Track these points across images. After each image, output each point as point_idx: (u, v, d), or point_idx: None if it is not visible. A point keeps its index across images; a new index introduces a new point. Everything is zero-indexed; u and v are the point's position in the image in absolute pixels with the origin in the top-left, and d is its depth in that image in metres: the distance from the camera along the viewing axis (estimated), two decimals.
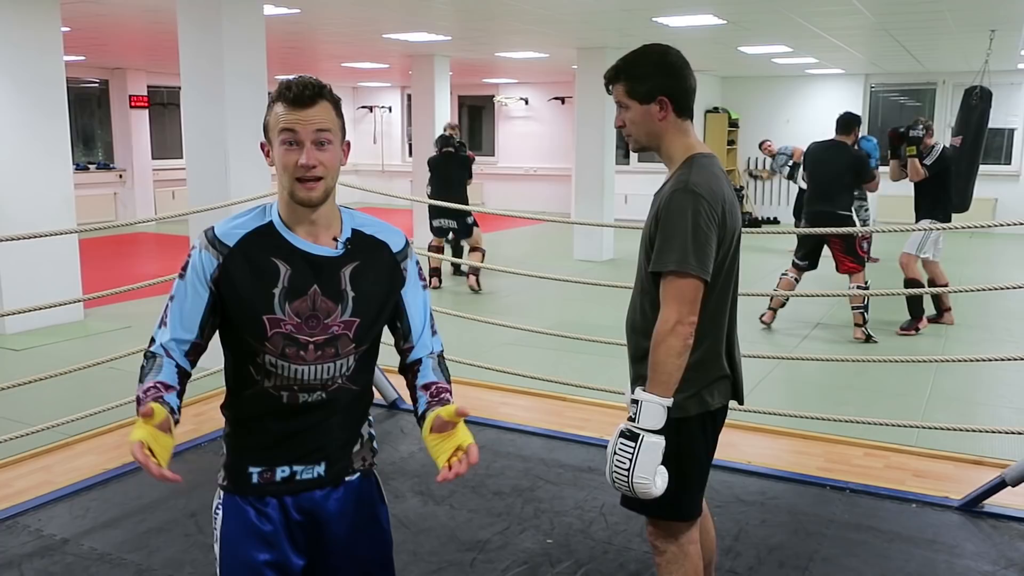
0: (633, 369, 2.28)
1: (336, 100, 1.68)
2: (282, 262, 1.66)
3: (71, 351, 6.17)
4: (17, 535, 3.32)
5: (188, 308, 1.68)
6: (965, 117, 7.69)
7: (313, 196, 1.64)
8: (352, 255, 1.71)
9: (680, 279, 2.06)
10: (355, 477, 1.81)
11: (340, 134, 1.68)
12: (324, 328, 1.67)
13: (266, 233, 1.69)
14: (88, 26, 8.75)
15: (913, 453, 4.13)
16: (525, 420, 4.61)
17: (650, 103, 2.16)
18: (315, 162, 1.62)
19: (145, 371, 1.67)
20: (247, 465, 1.74)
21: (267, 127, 1.68)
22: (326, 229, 1.71)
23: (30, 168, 6.70)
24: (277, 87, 1.66)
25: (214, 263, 1.66)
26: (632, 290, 2.32)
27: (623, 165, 14.35)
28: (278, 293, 1.65)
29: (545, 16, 8.08)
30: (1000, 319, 7.50)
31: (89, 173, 13.86)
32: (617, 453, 2.12)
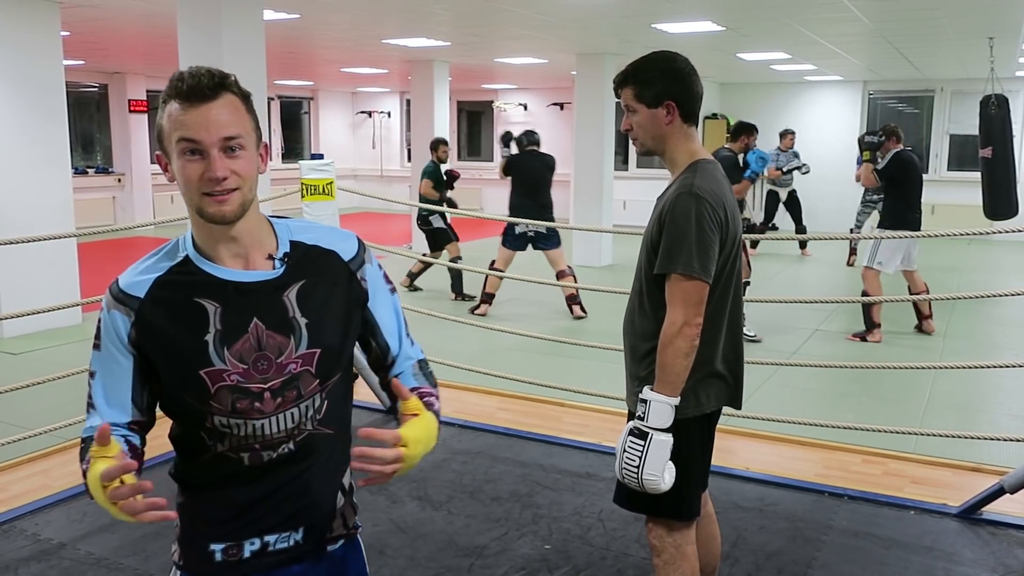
0: (631, 368, 2.32)
1: (245, 94, 1.38)
2: (208, 300, 1.37)
3: (69, 355, 6.16)
4: (14, 539, 3.32)
5: (113, 383, 1.40)
6: (988, 126, 7.72)
7: (226, 210, 1.34)
8: (294, 273, 1.41)
9: (685, 281, 2.10)
10: (339, 547, 1.53)
11: (254, 135, 1.38)
12: (278, 368, 1.38)
13: (182, 271, 1.40)
14: (87, 30, 8.76)
15: (911, 460, 4.12)
16: (523, 425, 4.60)
17: (657, 107, 2.20)
18: (225, 172, 1.32)
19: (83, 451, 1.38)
20: (208, 542, 1.44)
21: (161, 134, 1.36)
22: (256, 248, 1.41)
23: (29, 172, 6.71)
24: (168, 82, 1.35)
25: (127, 321, 1.37)
26: (630, 292, 2.35)
27: (622, 171, 14.38)
28: (211, 339, 1.36)
29: (544, 22, 8.09)
30: (998, 326, 7.50)
31: (88, 177, 13.86)
32: (627, 451, 2.16)
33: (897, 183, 6.77)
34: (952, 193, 13.22)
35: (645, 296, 2.25)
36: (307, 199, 4.56)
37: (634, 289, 2.32)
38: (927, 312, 6.97)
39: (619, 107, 2.32)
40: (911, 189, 6.74)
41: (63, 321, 6.91)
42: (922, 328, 7.00)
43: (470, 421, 4.61)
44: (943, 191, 13.39)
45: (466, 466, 4.07)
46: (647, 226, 2.26)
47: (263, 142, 1.43)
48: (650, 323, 2.22)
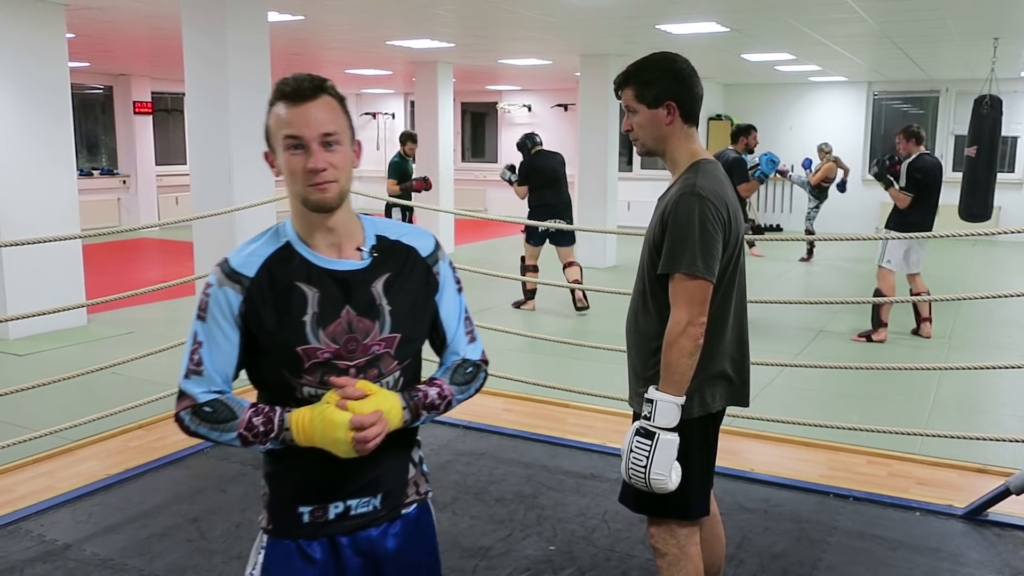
0: (635, 368, 2.32)
1: (340, 97, 1.55)
2: (308, 286, 1.53)
3: (74, 356, 6.17)
4: (19, 540, 3.32)
5: (218, 353, 1.54)
6: (977, 126, 7.71)
7: (328, 197, 1.50)
8: (381, 264, 1.58)
9: (689, 281, 2.11)
10: (412, 509, 1.69)
11: (349, 133, 1.54)
12: (364, 349, 1.55)
13: (286, 256, 1.55)
14: (93, 32, 8.78)
15: (917, 461, 4.11)
16: (528, 427, 4.60)
17: (658, 108, 2.21)
18: (324, 164, 1.48)
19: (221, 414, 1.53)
20: (296, 504, 1.59)
21: (268, 133, 1.54)
22: (348, 239, 1.57)
23: (34, 173, 6.72)
24: (274, 86, 1.53)
25: (238, 298, 1.52)
26: (633, 292, 2.36)
27: (626, 172, 14.38)
28: (309, 320, 1.52)
29: (548, 23, 8.09)
30: (1003, 327, 7.48)
31: (93, 179, 13.90)
32: (633, 451, 2.16)
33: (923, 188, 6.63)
34: (956, 194, 13.16)
35: (648, 296, 2.25)
36: None
37: (637, 289, 2.33)
38: (926, 315, 6.86)
39: (622, 108, 2.32)
40: (922, 195, 6.66)
41: (68, 322, 6.93)
42: (919, 331, 6.91)
43: (475, 422, 4.61)
44: (947, 192, 13.12)
45: (470, 467, 4.07)
46: (649, 226, 2.27)
47: (356, 140, 1.59)
48: (654, 323, 2.22)
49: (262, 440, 1.52)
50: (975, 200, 7.70)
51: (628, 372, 2.37)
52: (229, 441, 1.53)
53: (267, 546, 1.62)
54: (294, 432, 1.50)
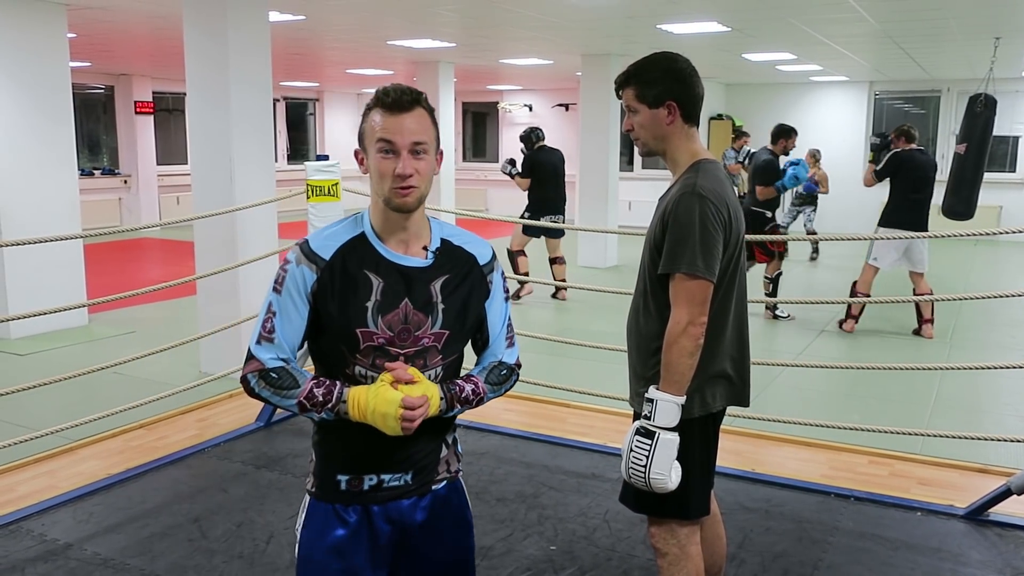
0: (636, 368, 2.32)
1: (432, 109, 1.69)
2: (375, 275, 1.68)
3: (75, 356, 6.18)
4: (21, 539, 3.32)
5: (291, 324, 1.69)
6: (970, 124, 7.68)
7: (409, 201, 1.65)
8: (441, 266, 1.73)
9: (690, 280, 2.11)
10: (442, 486, 1.83)
11: (435, 143, 1.69)
12: (415, 340, 1.69)
13: (359, 245, 1.70)
14: (94, 32, 8.78)
15: (918, 461, 4.11)
16: (529, 426, 4.60)
17: (658, 107, 2.22)
18: (411, 171, 1.63)
19: (284, 381, 1.68)
20: (335, 472, 1.75)
21: (363, 135, 1.69)
22: (417, 239, 1.72)
23: (36, 173, 6.73)
24: (375, 94, 1.67)
25: (313, 277, 1.67)
26: (634, 292, 2.36)
27: (627, 172, 14.38)
28: (371, 307, 1.66)
29: (549, 23, 8.09)
30: (1005, 327, 7.48)
31: (94, 179, 13.90)
32: (634, 450, 2.17)
33: (896, 181, 6.81)
34: None
35: (650, 296, 2.25)
36: (312, 200, 4.56)
37: (638, 289, 2.33)
38: (927, 316, 6.87)
39: (623, 108, 2.32)
40: (905, 188, 6.74)
41: (70, 322, 6.94)
42: (920, 332, 6.93)
43: (475, 422, 4.61)
44: None
45: (471, 467, 4.07)
46: (650, 226, 2.27)
47: (440, 149, 1.72)
48: (655, 323, 2.22)
49: (319, 409, 1.67)
50: (958, 198, 7.67)
51: (629, 372, 2.37)
52: (287, 406, 1.69)
53: (308, 507, 1.79)
54: (350, 405, 1.65)
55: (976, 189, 7.66)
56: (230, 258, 5.33)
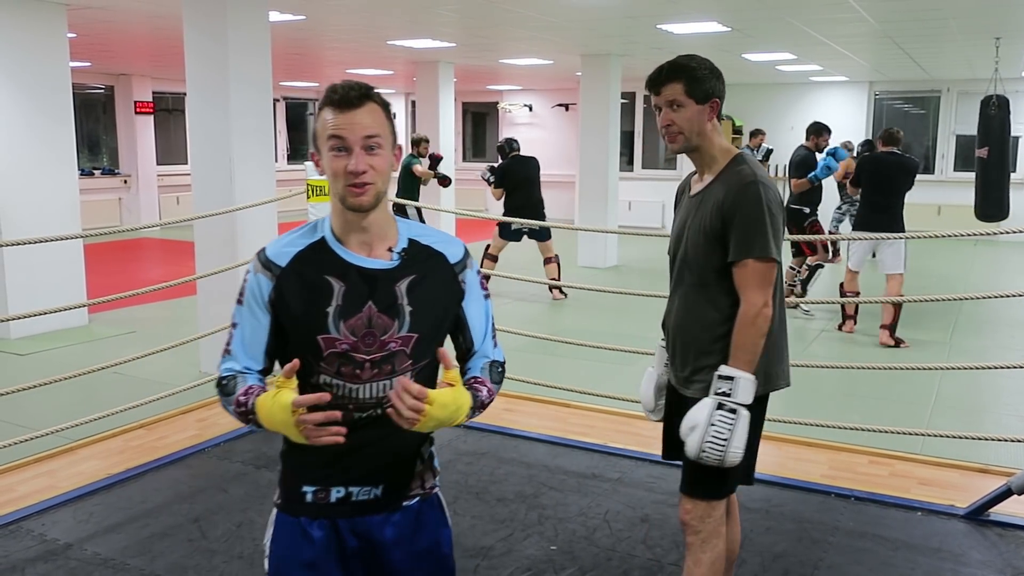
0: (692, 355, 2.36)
1: (385, 104, 1.64)
2: (335, 279, 1.62)
3: (75, 356, 6.17)
4: (21, 539, 3.32)
5: (251, 335, 1.66)
6: (986, 127, 7.71)
7: (364, 200, 1.60)
8: (408, 267, 1.66)
9: (762, 264, 2.22)
10: (415, 501, 1.74)
11: (390, 138, 1.64)
12: (381, 345, 1.62)
13: (318, 249, 1.65)
14: (94, 32, 8.78)
15: (918, 461, 4.11)
16: (529, 427, 4.60)
17: (704, 104, 2.27)
18: (364, 167, 1.58)
19: (230, 387, 1.64)
20: (302, 484, 1.69)
21: (315, 135, 1.65)
22: (380, 240, 1.66)
23: (36, 173, 6.72)
24: (324, 93, 1.63)
25: (269, 285, 1.63)
26: (676, 289, 2.41)
27: (627, 172, 14.38)
28: (332, 312, 1.60)
29: (549, 23, 8.09)
30: (1005, 327, 7.48)
31: (94, 178, 13.90)
32: (715, 425, 2.19)
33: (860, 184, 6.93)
34: (958, 194, 13.18)
35: (712, 286, 2.29)
36: (312, 200, 4.57)
37: (687, 283, 2.36)
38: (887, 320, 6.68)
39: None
40: (867, 191, 6.84)
41: (70, 322, 6.93)
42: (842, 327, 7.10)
43: (475, 422, 4.59)
44: (949, 192, 13.37)
45: (472, 467, 4.07)
46: (695, 221, 2.31)
47: (397, 144, 1.67)
48: (716, 312, 2.29)
49: (246, 420, 1.62)
50: (990, 201, 7.76)
51: (678, 364, 2.41)
52: (235, 416, 1.65)
53: (276, 521, 1.73)
54: (258, 417, 1.59)
55: (1005, 189, 7.72)
56: (230, 258, 5.33)
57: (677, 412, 2.46)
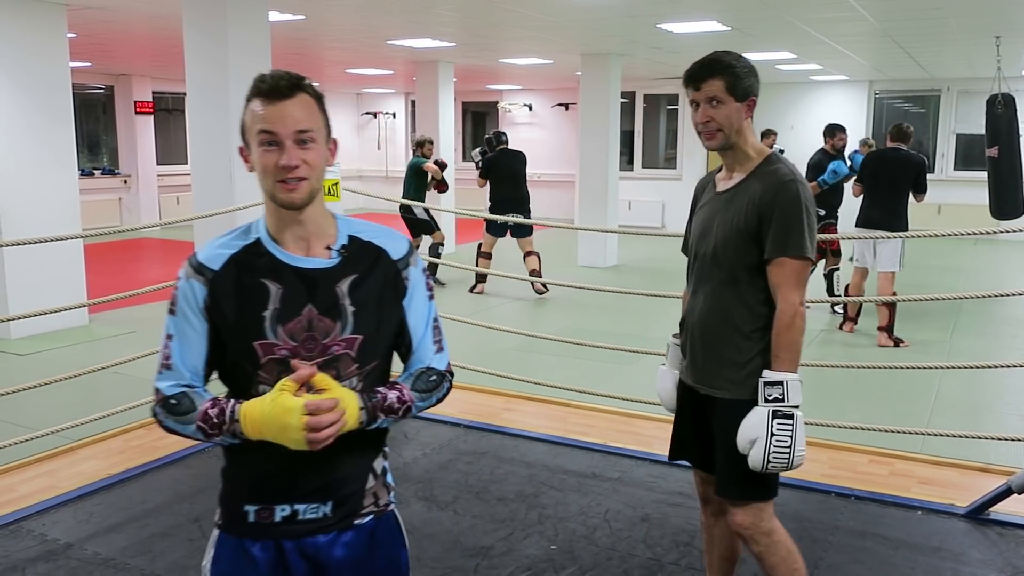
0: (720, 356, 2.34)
1: (318, 95, 1.54)
2: (272, 282, 1.52)
3: (76, 356, 6.17)
4: (21, 539, 3.32)
5: (188, 346, 1.55)
6: (994, 126, 7.71)
7: (296, 198, 1.50)
8: (349, 265, 1.56)
9: (798, 262, 2.23)
10: (368, 519, 1.62)
11: (324, 131, 1.54)
12: (323, 349, 1.52)
13: (253, 252, 1.55)
14: (94, 32, 8.78)
15: (918, 460, 4.11)
16: (529, 426, 4.60)
17: (743, 102, 2.29)
18: (297, 161, 1.48)
19: (183, 405, 1.53)
20: (243, 503, 1.58)
21: (244, 128, 1.54)
22: (318, 238, 1.56)
23: (36, 173, 6.73)
24: (252, 83, 1.52)
25: (203, 291, 1.53)
26: (701, 286, 2.38)
27: (627, 171, 14.37)
28: (269, 316, 1.50)
29: (549, 23, 8.09)
30: (1005, 326, 7.48)
31: (94, 179, 13.90)
32: (776, 435, 2.20)
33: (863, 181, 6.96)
34: (959, 193, 13.19)
35: (743, 285, 2.29)
36: None
37: (716, 281, 2.33)
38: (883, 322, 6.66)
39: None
40: (866, 187, 6.87)
41: (70, 322, 6.94)
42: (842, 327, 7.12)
43: (475, 422, 4.61)
44: (950, 191, 13.36)
45: (472, 466, 4.07)
46: (725, 217, 2.29)
47: (332, 138, 1.58)
48: (749, 311, 2.29)
49: (217, 432, 1.51)
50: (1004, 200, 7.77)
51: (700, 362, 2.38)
52: (192, 434, 1.54)
53: (216, 541, 1.63)
54: (243, 422, 1.48)
55: (1019, 186, 7.72)
56: None
57: (692, 411, 2.47)
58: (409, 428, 4.53)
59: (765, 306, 2.27)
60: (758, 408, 2.22)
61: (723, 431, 2.32)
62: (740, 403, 2.27)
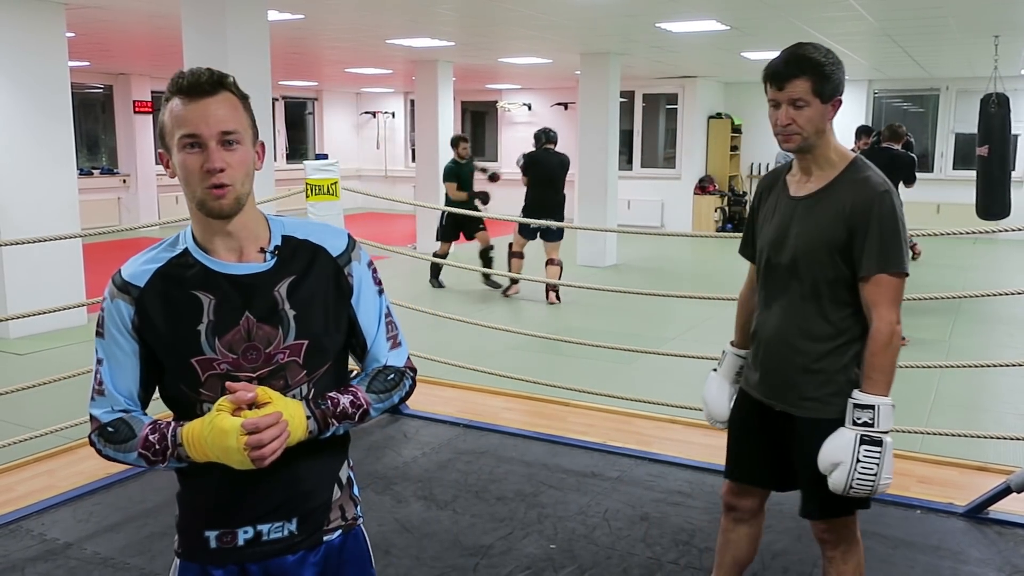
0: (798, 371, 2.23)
1: (243, 94, 1.46)
2: (203, 293, 1.42)
3: (75, 355, 6.17)
4: (20, 539, 3.32)
5: (119, 369, 1.46)
6: (987, 125, 7.71)
7: (224, 204, 1.40)
8: (285, 267, 1.46)
9: (897, 279, 2.12)
10: (336, 536, 1.55)
11: (251, 132, 1.45)
12: (267, 358, 1.43)
13: (180, 263, 1.45)
14: (93, 32, 8.78)
15: (917, 459, 4.11)
16: (528, 425, 4.60)
17: (828, 103, 2.15)
18: (222, 164, 1.38)
19: (122, 433, 1.45)
20: (203, 528, 1.50)
21: (163, 130, 1.42)
22: (251, 242, 1.46)
23: (34, 173, 6.72)
24: (170, 80, 1.42)
25: (130, 310, 1.44)
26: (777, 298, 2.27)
27: (626, 170, 14.37)
28: (204, 329, 1.41)
29: (548, 22, 8.09)
30: (1004, 325, 7.48)
31: (93, 178, 13.89)
32: (862, 461, 2.09)
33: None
34: (957, 192, 13.19)
35: (825, 300, 2.18)
36: (312, 199, 4.57)
37: (794, 293, 2.23)
38: None
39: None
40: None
41: (69, 322, 6.93)
42: None
43: (475, 421, 4.61)
44: (948, 190, 13.37)
45: (471, 466, 4.07)
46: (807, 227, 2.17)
47: (259, 140, 1.49)
48: (829, 326, 2.20)
49: (161, 458, 1.43)
50: (992, 199, 7.75)
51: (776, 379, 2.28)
52: (134, 462, 1.47)
53: (179, 570, 1.56)
54: (186, 445, 1.40)
55: (1007, 187, 7.71)
56: None
57: (763, 430, 2.36)
58: (408, 428, 4.53)
59: (849, 320, 2.18)
60: (845, 431, 2.11)
61: (805, 452, 2.21)
62: (822, 422, 2.17)
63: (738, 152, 15.22)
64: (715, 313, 7.72)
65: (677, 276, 10.30)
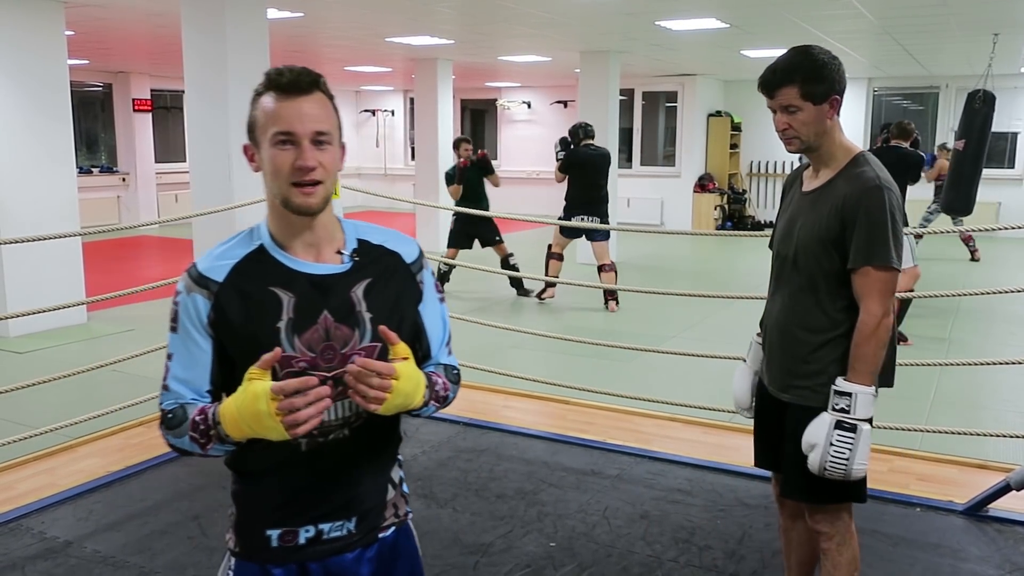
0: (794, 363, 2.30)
1: (332, 95, 1.47)
2: (283, 290, 1.43)
3: (74, 354, 6.17)
4: (20, 537, 3.32)
5: (191, 364, 1.45)
6: (968, 120, 7.68)
7: (312, 203, 1.41)
8: (362, 269, 1.48)
9: (884, 273, 2.15)
10: (390, 532, 1.58)
11: (338, 133, 1.46)
12: (343, 359, 1.43)
13: (258, 259, 1.45)
14: (92, 30, 8.77)
15: (917, 457, 4.11)
16: (528, 423, 4.60)
17: (823, 103, 2.19)
18: (315, 162, 1.39)
19: (178, 416, 1.43)
20: (263, 527, 1.50)
21: (253, 125, 1.43)
22: (328, 243, 1.48)
23: (34, 171, 6.72)
24: (265, 76, 1.42)
25: (207, 304, 1.42)
26: (780, 289, 2.35)
27: (626, 169, 14.36)
28: (283, 327, 1.41)
29: (548, 20, 8.09)
30: (1004, 323, 7.48)
31: (92, 176, 13.89)
32: (835, 445, 2.15)
33: None
34: None
35: (822, 292, 2.24)
36: None
37: (794, 285, 2.30)
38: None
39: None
40: None
41: (68, 320, 6.93)
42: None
43: (475, 419, 4.61)
44: None
45: (471, 464, 4.07)
46: (808, 221, 2.24)
47: (343, 142, 1.49)
48: (825, 318, 2.24)
49: (207, 440, 1.41)
50: (957, 194, 7.68)
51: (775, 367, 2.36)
52: (189, 447, 1.44)
53: (235, 569, 1.55)
54: (224, 423, 1.38)
55: (974, 185, 7.65)
56: None
57: (771, 417, 2.42)
58: (408, 426, 4.51)
59: (844, 313, 2.21)
60: (824, 415, 2.19)
61: (790, 436, 2.29)
62: (811, 410, 2.23)
63: (738, 150, 15.22)
64: (715, 311, 7.72)
65: (677, 274, 10.30)
